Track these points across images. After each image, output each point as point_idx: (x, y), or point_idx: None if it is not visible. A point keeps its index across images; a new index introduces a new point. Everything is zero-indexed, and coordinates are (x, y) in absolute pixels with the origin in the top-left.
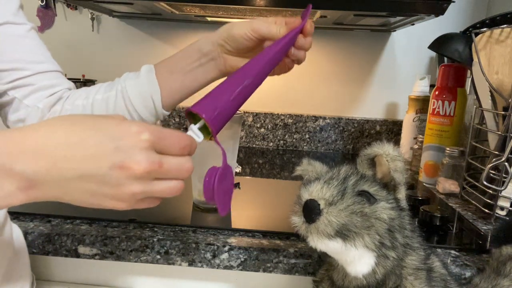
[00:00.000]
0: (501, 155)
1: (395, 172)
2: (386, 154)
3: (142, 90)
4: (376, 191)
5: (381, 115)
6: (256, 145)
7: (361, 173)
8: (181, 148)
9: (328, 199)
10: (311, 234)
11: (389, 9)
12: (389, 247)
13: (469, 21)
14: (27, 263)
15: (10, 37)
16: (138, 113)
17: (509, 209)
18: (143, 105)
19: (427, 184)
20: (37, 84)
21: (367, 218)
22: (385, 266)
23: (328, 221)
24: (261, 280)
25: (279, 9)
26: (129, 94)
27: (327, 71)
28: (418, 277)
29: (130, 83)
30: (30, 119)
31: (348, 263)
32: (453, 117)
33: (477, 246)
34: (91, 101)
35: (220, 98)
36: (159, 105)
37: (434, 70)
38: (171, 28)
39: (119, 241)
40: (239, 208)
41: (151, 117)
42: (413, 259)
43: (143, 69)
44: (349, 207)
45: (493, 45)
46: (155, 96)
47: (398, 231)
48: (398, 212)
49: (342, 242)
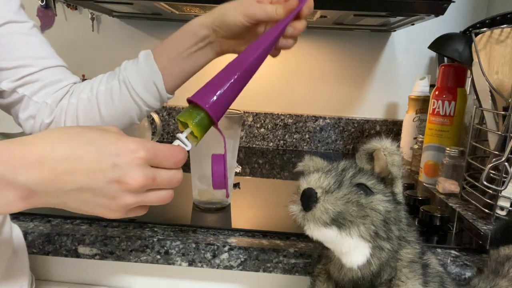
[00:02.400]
0: (501, 155)
1: (392, 166)
2: (384, 148)
3: (143, 76)
4: (373, 184)
5: (381, 115)
6: (256, 145)
7: (359, 167)
8: (175, 162)
9: (325, 188)
10: (307, 221)
11: (389, 9)
12: (384, 238)
13: (469, 21)
14: (26, 263)
15: (14, 36)
16: (143, 99)
17: (509, 209)
18: (146, 91)
19: (427, 184)
20: (45, 80)
21: (363, 208)
22: (380, 258)
23: (325, 208)
24: (261, 280)
25: None
26: (131, 82)
27: (327, 71)
28: (413, 269)
29: (130, 71)
30: (40, 115)
31: (343, 254)
32: (453, 117)
33: (477, 246)
34: (95, 92)
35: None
36: (163, 89)
37: (434, 70)
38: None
39: (119, 241)
40: (239, 208)
41: (156, 102)
42: (408, 252)
43: (141, 55)
44: (346, 196)
45: (493, 45)
46: (158, 81)
47: (393, 223)
48: (394, 205)
49: (338, 231)
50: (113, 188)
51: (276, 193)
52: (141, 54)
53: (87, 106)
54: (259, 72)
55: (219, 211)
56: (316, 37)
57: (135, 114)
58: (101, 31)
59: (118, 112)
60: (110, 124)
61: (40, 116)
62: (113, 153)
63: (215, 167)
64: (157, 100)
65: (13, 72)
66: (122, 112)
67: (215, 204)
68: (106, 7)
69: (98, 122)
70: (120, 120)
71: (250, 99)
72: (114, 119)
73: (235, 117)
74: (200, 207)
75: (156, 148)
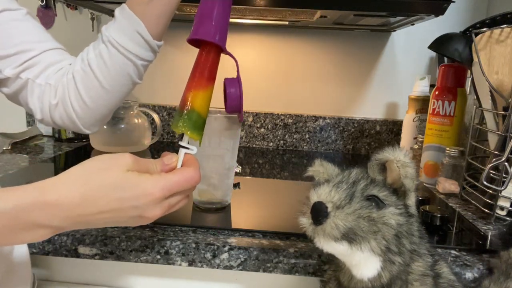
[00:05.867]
0: (501, 155)
1: (405, 178)
2: (397, 160)
3: (125, 29)
4: (386, 196)
5: (381, 115)
6: (256, 145)
7: (371, 178)
8: (192, 185)
9: (335, 202)
10: (318, 235)
11: (389, 9)
12: (395, 253)
13: (469, 21)
14: (28, 263)
15: (10, 23)
16: (132, 52)
17: (509, 209)
18: (133, 42)
19: (427, 184)
20: (45, 62)
21: (374, 223)
22: (390, 271)
23: (335, 224)
24: (261, 280)
25: (279, 9)
26: (116, 39)
27: (327, 71)
28: (424, 283)
29: (111, 30)
30: (47, 97)
31: (354, 266)
32: (453, 117)
33: (477, 246)
34: (87, 61)
35: (211, 15)
36: (148, 36)
37: (434, 70)
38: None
39: (119, 241)
40: (239, 208)
41: (146, 52)
42: (419, 265)
43: (116, 12)
44: (357, 211)
45: (493, 45)
46: (140, 29)
47: (405, 237)
48: (407, 218)
49: (348, 246)
50: (134, 220)
51: (276, 193)
52: (116, 11)
53: (83, 77)
54: (259, 72)
55: (219, 211)
56: (316, 37)
57: (132, 72)
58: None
59: (114, 73)
60: (111, 88)
61: (46, 98)
62: (133, 197)
63: (230, 90)
64: (147, 50)
65: (15, 59)
66: (118, 73)
67: (215, 204)
68: (106, 7)
69: (98, 89)
70: (120, 81)
71: (250, 99)
72: (113, 81)
73: (235, 117)
74: (200, 207)
75: (172, 184)
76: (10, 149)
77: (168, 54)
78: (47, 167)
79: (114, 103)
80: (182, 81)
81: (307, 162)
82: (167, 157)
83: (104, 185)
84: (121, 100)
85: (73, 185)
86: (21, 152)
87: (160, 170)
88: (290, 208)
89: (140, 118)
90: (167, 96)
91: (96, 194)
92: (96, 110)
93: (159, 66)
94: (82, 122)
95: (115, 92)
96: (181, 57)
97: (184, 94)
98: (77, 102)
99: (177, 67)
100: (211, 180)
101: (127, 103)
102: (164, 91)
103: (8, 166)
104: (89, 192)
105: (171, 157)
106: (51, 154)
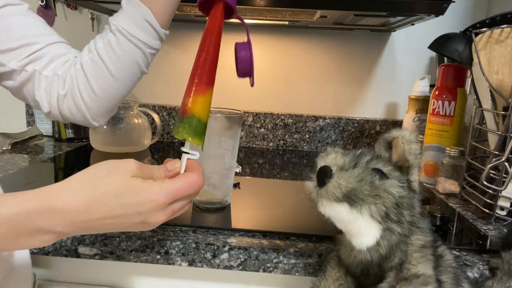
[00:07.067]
0: (501, 155)
1: (410, 154)
2: (402, 136)
3: (133, 17)
4: (389, 170)
5: (381, 115)
6: (256, 145)
7: (376, 154)
8: (196, 190)
9: (340, 165)
10: (321, 197)
11: (389, 9)
12: (394, 221)
13: (469, 21)
14: (29, 263)
15: (13, 17)
16: (141, 40)
17: (509, 209)
18: (141, 30)
19: (427, 184)
20: (51, 54)
21: (376, 189)
22: (389, 240)
23: (338, 183)
24: (261, 280)
25: (279, 9)
26: (124, 27)
27: (327, 71)
28: (424, 255)
29: (119, 19)
30: (55, 88)
31: (354, 235)
32: (453, 117)
33: (477, 246)
34: (95, 51)
35: None
36: (156, 24)
37: (434, 70)
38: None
39: (119, 241)
40: (239, 208)
41: (154, 41)
42: (419, 238)
43: (123, 2)
44: (360, 175)
45: (493, 45)
46: (148, 16)
47: (405, 208)
48: (408, 192)
49: (349, 207)
50: (138, 226)
51: (276, 193)
52: (123, 1)
53: (92, 66)
54: (259, 72)
55: (219, 211)
56: (316, 37)
57: (140, 60)
58: (101, 31)
59: (124, 61)
60: (121, 76)
61: (54, 90)
62: (137, 204)
63: (241, 53)
64: (155, 38)
65: (20, 52)
66: (127, 61)
67: (215, 204)
68: (106, 7)
69: (108, 77)
70: (129, 70)
71: (250, 99)
72: (122, 70)
73: (235, 117)
74: (200, 207)
75: (175, 190)
76: (10, 149)
77: (168, 54)
78: (47, 167)
79: (123, 93)
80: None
81: (307, 162)
82: (170, 163)
83: (109, 191)
84: (129, 90)
85: (78, 191)
86: (21, 152)
87: (163, 176)
88: (290, 208)
89: (140, 118)
90: (167, 96)
91: (101, 200)
92: (105, 99)
93: (159, 66)
94: (91, 112)
95: (124, 81)
96: (181, 57)
97: (184, 100)
98: (87, 92)
99: (177, 67)
100: (211, 180)
101: (127, 103)
102: (164, 91)
103: (8, 166)
104: (94, 198)
105: (174, 163)
106: (51, 154)
